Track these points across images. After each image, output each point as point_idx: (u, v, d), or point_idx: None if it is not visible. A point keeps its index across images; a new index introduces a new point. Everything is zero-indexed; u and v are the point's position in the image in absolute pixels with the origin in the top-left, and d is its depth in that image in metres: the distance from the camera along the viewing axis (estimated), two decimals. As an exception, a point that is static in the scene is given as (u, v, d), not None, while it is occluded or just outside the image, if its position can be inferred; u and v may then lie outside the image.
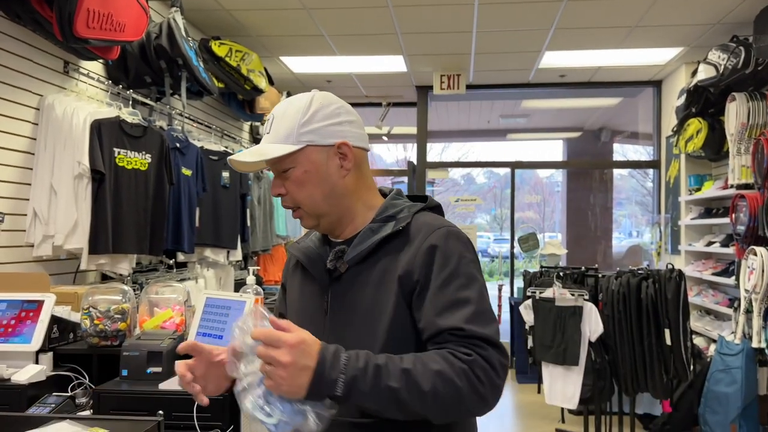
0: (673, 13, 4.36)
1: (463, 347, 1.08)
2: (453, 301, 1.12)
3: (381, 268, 1.20)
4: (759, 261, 3.90)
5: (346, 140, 1.22)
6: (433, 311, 1.12)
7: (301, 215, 1.25)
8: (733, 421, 3.97)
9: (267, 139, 1.23)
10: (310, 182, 1.21)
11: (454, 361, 1.06)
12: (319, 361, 1.01)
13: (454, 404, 1.05)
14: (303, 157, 1.20)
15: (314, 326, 1.21)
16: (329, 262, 1.24)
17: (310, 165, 1.20)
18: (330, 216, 1.24)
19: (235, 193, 4.39)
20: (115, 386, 1.92)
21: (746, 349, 4.03)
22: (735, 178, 4.36)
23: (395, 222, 1.22)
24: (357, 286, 1.21)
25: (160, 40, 3.44)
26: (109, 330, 2.15)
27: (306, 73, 5.94)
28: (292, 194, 1.23)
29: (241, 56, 4.44)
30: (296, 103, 1.23)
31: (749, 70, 4.07)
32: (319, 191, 1.21)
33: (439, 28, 4.74)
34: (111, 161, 3.00)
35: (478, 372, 1.06)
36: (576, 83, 6.34)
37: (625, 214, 13.92)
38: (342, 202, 1.24)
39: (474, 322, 1.10)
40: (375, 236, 1.21)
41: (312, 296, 1.27)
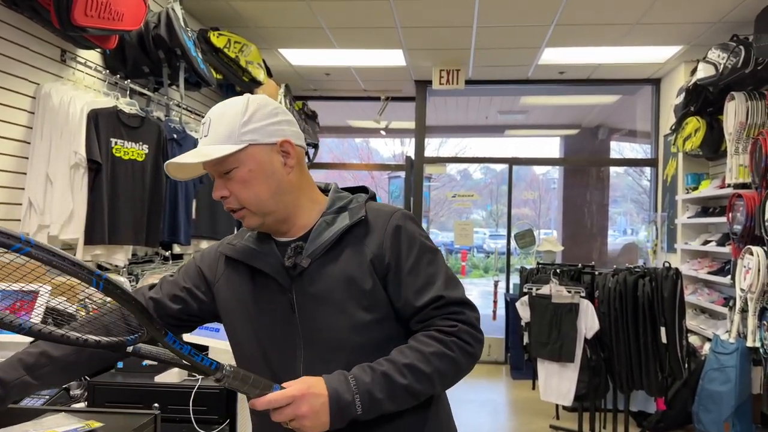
0: (674, 11, 4.35)
1: (446, 320, 1.20)
2: (427, 276, 1.22)
3: (348, 256, 1.22)
4: (755, 261, 3.91)
5: (288, 138, 1.24)
6: (412, 291, 1.21)
7: (245, 215, 1.24)
8: (727, 420, 3.98)
9: (206, 142, 1.22)
10: (256, 181, 1.21)
11: (443, 337, 1.19)
12: (330, 393, 1.10)
13: (455, 373, 1.20)
14: (246, 157, 1.20)
15: (282, 324, 1.23)
16: (287, 259, 1.22)
17: (254, 164, 1.21)
18: (276, 214, 1.24)
19: (232, 185, 4.37)
20: (110, 378, 1.91)
21: (741, 348, 4.05)
22: (732, 178, 4.37)
23: (349, 212, 1.25)
24: (326, 277, 1.21)
25: (158, 29, 3.41)
26: (105, 321, 2.13)
27: (304, 65, 5.92)
28: (237, 195, 1.22)
29: (240, 48, 4.41)
30: (233, 105, 1.23)
31: (749, 69, 4.07)
32: (265, 189, 1.22)
33: (440, 23, 4.71)
34: (108, 151, 2.98)
35: (465, 337, 1.20)
36: (575, 80, 6.33)
37: (620, 212, 13.95)
38: (287, 198, 1.25)
39: (448, 288, 1.22)
40: (333, 228, 1.23)
41: (270, 298, 1.25)
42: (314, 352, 1.21)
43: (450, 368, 1.18)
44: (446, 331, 1.19)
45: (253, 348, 1.27)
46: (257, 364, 1.24)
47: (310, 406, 1.08)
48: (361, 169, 12.31)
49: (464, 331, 1.20)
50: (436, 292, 1.21)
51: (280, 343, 1.24)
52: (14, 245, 0.83)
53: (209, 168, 1.23)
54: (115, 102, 3.08)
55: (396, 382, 1.13)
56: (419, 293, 1.21)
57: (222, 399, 1.83)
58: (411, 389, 1.14)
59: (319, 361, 1.20)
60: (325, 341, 1.20)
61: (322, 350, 1.20)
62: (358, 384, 1.12)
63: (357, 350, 1.19)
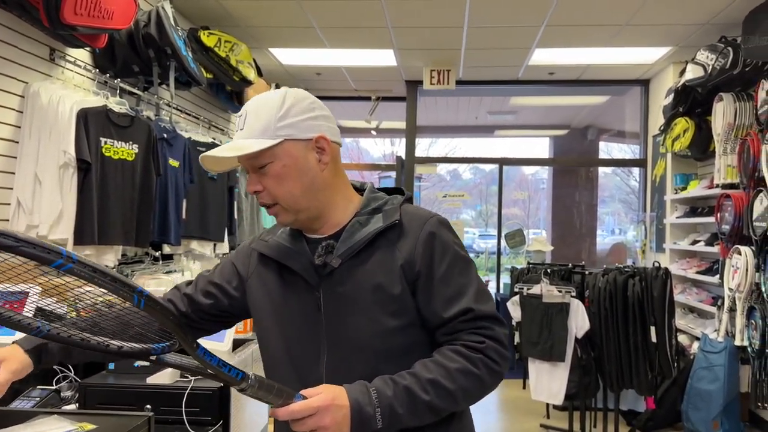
0: (662, 12, 4.38)
1: (474, 335, 1.17)
2: (458, 286, 1.19)
3: (378, 259, 1.20)
4: (743, 260, 3.95)
5: (323, 134, 1.22)
6: (441, 300, 1.19)
7: (278, 211, 1.23)
8: (715, 418, 4.01)
9: (241, 135, 1.20)
10: (290, 177, 1.19)
11: (469, 354, 1.16)
12: (352, 405, 1.08)
13: (479, 391, 1.18)
14: (281, 152, 1.18)
15: (307, 323, 1.21)
16: (317, 257, 1.21)
17: (288, 159, 1.19)
18: (309, 211, 1.23)
19: (223, 185, 4.35)
20: (101, 380, 1.89)
21: (729, 347, 4.08)
22: (721, 178, 4.40)
23: (383, 214, 1.23)
24: (355, 278, 1.19)
25: (148, 28, 3.38)
26: (96, 322, 2.12)
27: (295, 65, 5.90)
28: (271, 190, 1.20)
29: (230, 47, 4.39)
30: (270, 99, 1.21)
31: (737, 70, 4.10)
32: (299, 185, 1.20)
33: (431, 23, 4.72)
34: (97, 151, 2.95)
35: (492, 354, 1.17)
36: (565, 81, 6.36)
37: (608, 212, 14.02)
38: (321, 196, 1.23)
39: (479, 301, 1.19)
40: (366, 229, 1.21)
41: (297, 295, 1.24)
42: (338, 353, 1.19)
43: (474, 386, 1.16)
44: (473, 347, 1.16)
45: (278, 345, 1.26)
46: (281, 361, 1.24)
47: (332, 417, 1.06)
48: (352, 168, 12.27)
49: (492, 348, 1.17)
50: (465, 304, 1.18)
51: (304, 341, 1.22)
52: (56, 261, 0.78)
53: (244, 162, 1.21)
54: (105, 101, 3.05)
55: (418, 397, 1.11)
56: (448, 303, 1.18)
57: (215, 400, 1.82)
58: (433, 406, 1.13)
59: (341, 362, 1.18)
60: (350, 343, 1.19)
61: (346, 352, 1.19)
62: (379, 397, 1.10)
63: (381, 355, 1.18)
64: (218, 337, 1.94)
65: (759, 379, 3.82)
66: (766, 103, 3.85)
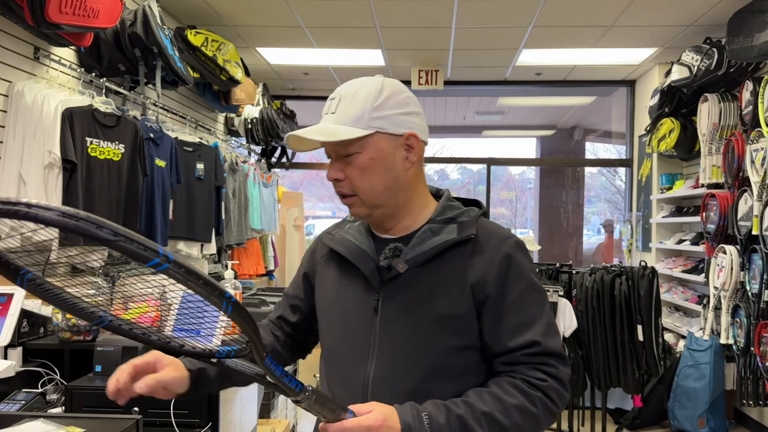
0: (648, 14, 4.41)
1: (537, 371, 1.11)
2: (527, 316, 1.13)
3: (447, 272, 1.14)
4: (728, 259, 3.99)
5: (415, 132, 1.17)
6: (508, 328, 1.13)
7: (354, 203, 1.18)
8: (701, 416, 4.05)
9: (333, 120, 1.15)
10: (375, 170, 1.14)
11: (529, 391, 1.09)
12: (403, 429, 1.02)
13: (531, 430, 1.10)
14: (371, 144, 1.14)
15: (360, 326, 1.18)
16: (383, 259, 1.17)
17: (377, 152, 1.14)
18: (385, 208, 1.18)
19: (210, 185, 4.33)
20: (88, 382, 1.87)
21: (714, 345, 4.12)
22: (706, 178, 4.44)
23: (458, 226, 1.17)
24: (419, 289, 1.14)
25: (134, 27, 3.35)
26: (82, 324, 2.09)
27: (283, 64, 5.88)
28: (352, 181, 1.16)
29: (217, 46, 4.36)
30: (367, 86, 1.15)
31: (721, 71, 4.14)
32: (382, 181, 1.15)
33: (419, 23, 4.72)
34: (83, 151, 2.92)
35: (552, 395, 1.10)
36: (551, 81, 6.39)
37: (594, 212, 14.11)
38: (401, 195, 1.18)
39: (547, 335, 1.13)
40: (438, 238, 1.15)
41: (355, 293, 1.20)
42: (387, 362, 1.14)
43: (529, 424, 1.09)
44: (534, 384, 1.10)
45: (332, 339, 1.23)
46: (332, 357, 1.22)
47: None
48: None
49: (553, 388, 1.10)
50: (532, 336, 1.11)
51: (354, 341, 1.18)
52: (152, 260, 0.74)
53: (328, 147, 1.16)
54: (91, 100, 3.02)
55: (470, 429, 1.05)
56: (515, 333, 1.12)
57: (204, 403, 1.80)
58: None
59: (389, 372, 1.14)
60: (401, 354, 1.14)
61: (396, 362, 1.14)
62: (431, 423, 1.04)
63: (432, 372, 1.13)
64: (206, 338, 1.92)
65: (744, 377, 3.86)
66: (750, 103, 3.89)
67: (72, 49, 3.24)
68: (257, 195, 5.42)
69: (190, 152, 4.09)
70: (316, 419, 1.15)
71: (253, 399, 2.28)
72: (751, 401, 3.82)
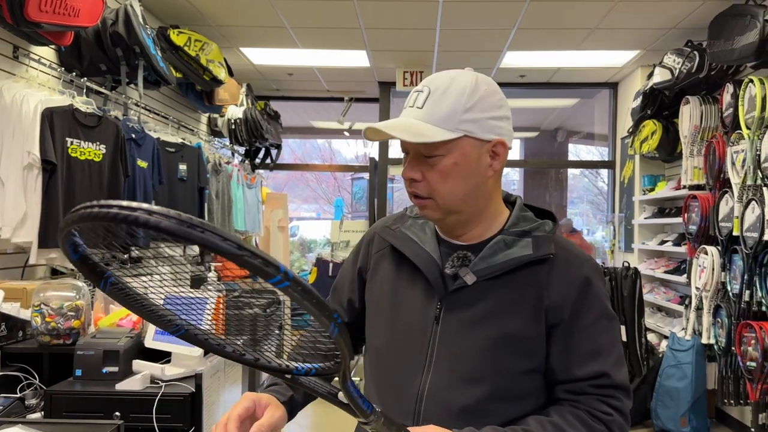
0: (631, 16, 4.45)
1: (602, 403, 1.05)
2: (598, 345, 1.07)
3: (519, 291, 1.07)
4: (710, 260, 4.02)
5: (504, 138, 1.08)
6: (577, 355, 1.06)
7: (429, 206, 1.08)
8: (683, 415, 4.08)
9: (419, 116, 1.04)
10: (457, 176, 1.05)
11: (593, 424, 1.03)
12: None
13: None
14: (457, 148, 1.04)
15: (418, 334, 1.11)
16: (450, 267, 1.10)
17: (462, 157, 1.04)
18: (460, 215, 1.09)
19: (193, 186, 4.29)
20: (68, 387, 1.84)
21: (696, 345, 4.16)
22: (687, 179, 4.48)
23: (533, 240, 1.09)
24: (487, 303, 1.07)
25: (116, 27, 3.32)
26: (62, 328, 2.06)
27: (266, 65, 5.85)
28: (432, 184, 1.06)
29: (201, 46, 4.33)
30: (460, 82, 1.05)
31: (703, 74, 4.19)
32: (463, 187, 1.06)
33: (403, 24, 4.72)
34: (63, 151, 2.88)
35: (615, 429, 1.04)
36: (535, 83, 6.42)
37: (576, 213, 14.23)
38: (478, 203, 1.10)
39: (617, 367, 1.06)
40: (512, 251, 1.08)
41: (415, 298, 1.12)
42: (444, 376, 1.07)
43: None
44: (599, 418, 1.04)
45: (385, 344, 1.15)
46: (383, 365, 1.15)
47: None
48: (325, 170, 12.25)
49: (617, 423, 1.04)
50: (602, 367, 1.05)
51: (409, 350, 1.11)
52: (275, 276, 0.71)
53: (408, 143, 1.06)
54: (71, 100, 2.98)
55: None
56: (584, 361, 1.05)
57: (187, 406, 1.78)
58: None
59: (446, 388, 1.07)
60: (461, 370, 1.07)
61: (454, 378, 1.07)
62: None
63: (492, 392, 1.06)
64: (189, 341, 1.90)
65: (725, 376, 3.90)
66: (730, 106, 3.93)
67: (52, 48, 3.19)
68: (241, 196, 5.38)
69: (172, 153, 4.06)
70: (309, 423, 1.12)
71: (237, 402, 2.26)
72: (732, 400, 3.85)
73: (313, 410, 2.11)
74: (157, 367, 1.90)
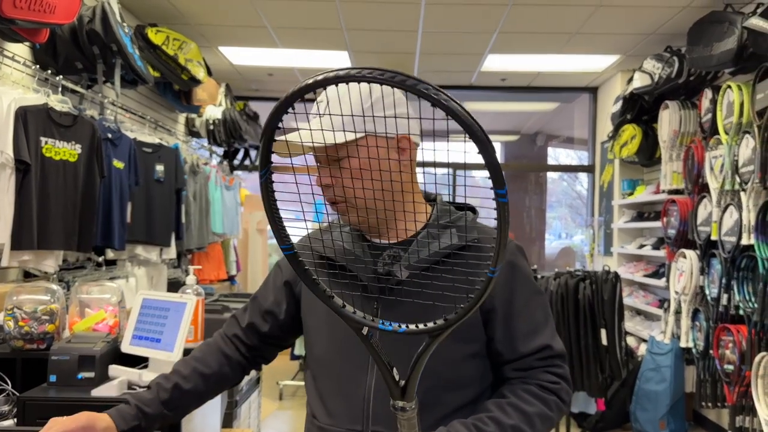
0: (611, 22, 4.48)
1: (548, 374, 1.13)
2: (536, 322, 1.15)
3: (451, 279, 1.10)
4: (688, 264, 4.06)
5: (407, 134, 1.13)
6: (519, 335, 1.14)
7: (346, 209, 1.13)
8: (662, 418, 4.11)
9: (320, 124, 1.09)
10: (366, 174, 1.08)
11: (545, 396, 1.11)
12: None
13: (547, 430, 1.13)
14: (362, 147, 1.09)
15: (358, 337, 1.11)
16: (382, 266, 1.12)
17: (367, 156, 1.08)
18: (379, 212, 1.12)
19: (170, 187, 4.22)
20: (42, 393, 1.78)
21: (675, 348, 4.19)
22: (667, 184, 4.53)
23: (458, 230, 1.14)
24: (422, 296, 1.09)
25: (93, 24, 3.25)
26: (36, 332, 1.99)
27: (246, 65, 5.79)
28: (344, 186, 1.11)
29: (179, 45, 4.26)
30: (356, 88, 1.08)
31: (682, 79, 4.23)
32: (374, 184, 1.09)
33: (385, 26, 4.70)
34: (37, 151, 2.80)
35: (564, 396, 1.13)
36: (516, 87, 6.45)
37: (555, 216, 14.33)
38: (394, 198, 1.13)
39: (554, 338, 1.16)
40: (439, 242, 1.12)
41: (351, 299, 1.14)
42: None
43: (547, 427, 1.12)
44: (549, 389, 1.12)
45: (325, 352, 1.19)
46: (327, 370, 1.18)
47: None
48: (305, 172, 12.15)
49: (564, 389, 1.13)
50: (543, 341, 1.14)
51: (351, 354, 1.13)
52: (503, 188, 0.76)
53: (317, 150, 1.12)
54: (46, 99, 2.91)
55: None
56: (526, 338, 1.13)
57: (165, 413, 1.73)
58: None
59: None
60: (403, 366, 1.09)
61: None
62: None
63: (440, 382, 1.11)
64: (167, 346, 1.85)
65: (703, 379, 3.94)
66: (709, 111, 3.98)
67: (27, 46, 3.11)
68: (219, 198, 5.31)
69: (149, 153, 3.99)
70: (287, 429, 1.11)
71: (216, 407, 2.21)
72: (710, 403, 3.89)
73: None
74: (134, 372, 1.85)
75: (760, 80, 3.34)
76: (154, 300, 1.98)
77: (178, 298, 1.95)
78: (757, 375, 3.22)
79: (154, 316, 1.95)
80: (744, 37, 3.39)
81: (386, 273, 1.12)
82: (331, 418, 1.15)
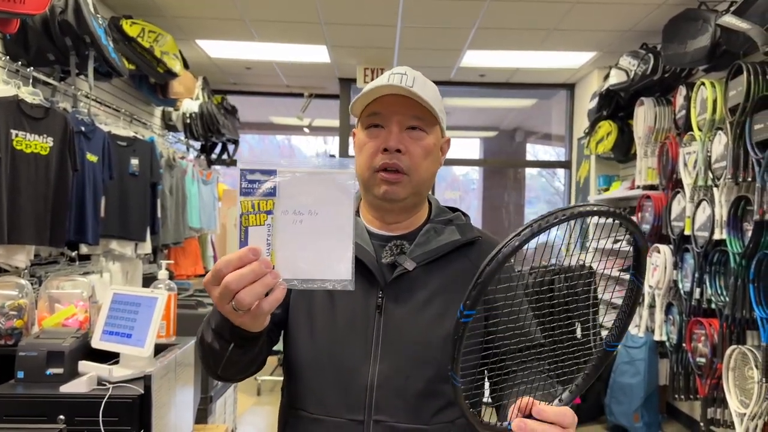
0: (588, 18, 4.51)
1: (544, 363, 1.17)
2: (528, 316, 1.19)
3: (455, 271, 1.14)
4: (662, 258, 4.12)
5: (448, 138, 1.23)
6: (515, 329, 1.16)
7: (401, 181, 1.11)
8: (636, 411, 4.17)
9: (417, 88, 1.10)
10: (431, 156, 1.15)
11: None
12: None
13: None
14: (434, 131, 1.16)
15: (361, 326, 1.11)
16: (388, 256, 1.13)
17: (435, 140, 1.15)
18: (417, 197, 1.17)
19: (145, 181, 4.17)
20: (9, 390, 1.75)
21: (649, 342, 4.25)
22: (642, 180, 4.58)
23: (457, 228, 1.20)
24: (427, 288, 1.12)
25: (65, 15, 3.19)
26: (3, 328, 1.97)
27: (223, 58, 5.73)
28: (413, 158, 1.11)
29: (155, 37, 4.21)
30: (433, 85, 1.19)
31: (657, 76, 4.28)
32: (432, 169, 1.16)
33: (364, 20, 4.68)
34: (8, 144, 2.75)
35: None
36: (494, 83, 6.47)
37: (534, 212, 14.43)
38: (428, 190, 1.21)
39: (538, 331, 1.21)
40: (442, 238, 1.16)
41: (353, 293, 1.09)
42: (393, 363, 1.09)
43: None
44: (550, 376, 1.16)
45: (320, 343, 1.13)
46: (320, 363, 1.13)
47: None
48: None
49: None
50: (535, 334, 1.20)
51: (352, 345, 1.11)
52: None
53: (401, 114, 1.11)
54: (16, 91, 2.85)
55: None
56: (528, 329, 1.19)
57: (135, 409, 1.71)
58: None
59: (396, 374, 1.09)
60: (410, 355, 1.10)
61: (404, 364, 1.10)
62: None
63: (440, 373, 1.09)
64: (138, 342, 1.83)
65: (676, 372, 4.00)
66: (683, 108, 4.02)
67: (-4, 36, 3.05)
68: (196, 192, 5.26)
69: (124, 147, 3.94)
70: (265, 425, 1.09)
71: (189, 403, 2.19)
72: (683, 395, 3.95)
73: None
74: (104, 368, 1.83)
75: (732, 77, 3.39)
76: (124, 295, 1.95)
77: (149, 293, 1.93)
78: (729, 367, 3.27)
79: (125, 311, 1.92)
80: (717, 34, 3.44)
81: (391, 264, 1.13)
82: (326, 409, 1.11)
